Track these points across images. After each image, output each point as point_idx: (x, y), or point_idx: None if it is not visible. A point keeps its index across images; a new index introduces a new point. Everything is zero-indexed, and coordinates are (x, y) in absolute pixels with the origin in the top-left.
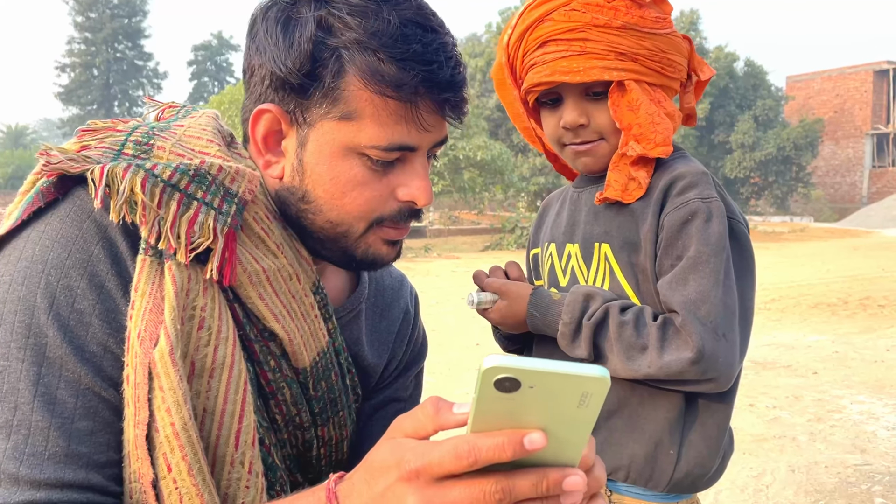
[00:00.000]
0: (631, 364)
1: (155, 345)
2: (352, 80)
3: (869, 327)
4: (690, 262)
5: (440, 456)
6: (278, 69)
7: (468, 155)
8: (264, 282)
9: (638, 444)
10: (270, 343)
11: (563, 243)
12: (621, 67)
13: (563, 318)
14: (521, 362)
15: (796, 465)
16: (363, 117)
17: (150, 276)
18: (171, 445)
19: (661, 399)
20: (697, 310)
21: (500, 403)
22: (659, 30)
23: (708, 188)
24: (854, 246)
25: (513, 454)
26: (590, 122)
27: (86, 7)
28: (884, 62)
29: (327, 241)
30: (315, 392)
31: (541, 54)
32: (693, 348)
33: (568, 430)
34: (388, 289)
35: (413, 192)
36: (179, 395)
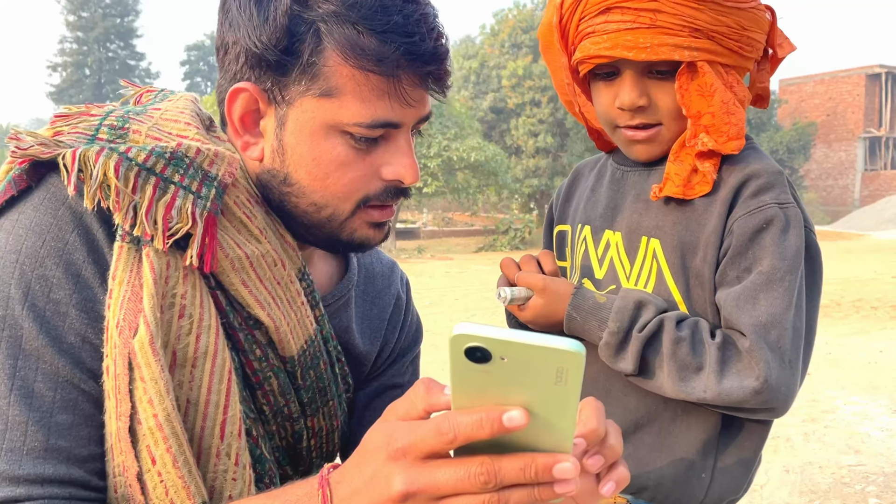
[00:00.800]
0: (683, 386)
1: (134, 334)
2: (331, 55)
3: (862, 329)
4: (763, 279)
5: (424, 433)
6: (253, 45)
7: (462, 156)
8: (247, 268)
9: (667, 464)
10: (256, 331)
11: (600, 228)
12: (695, 46)
13: (611, 327)
14: (490, 331)
15: (791, 466)
16: (344, 93)
17: (128, 263)
18: (154, 437)
19: (697, 417)
20: (768, 334)
21: (474, 376)
22: (744, 3)
23: (785, 191)
24: (847, 249)
25: (491, 431)
26: (650, 103)
27: (78, 6)
28: (876, 66)
29: (312, 225)
30: (303, 381)
31: (602, 22)
32: (759, 377)
33: (551, 411)
34: (379, 276)
35: (399, 170)
36: (161, 385)
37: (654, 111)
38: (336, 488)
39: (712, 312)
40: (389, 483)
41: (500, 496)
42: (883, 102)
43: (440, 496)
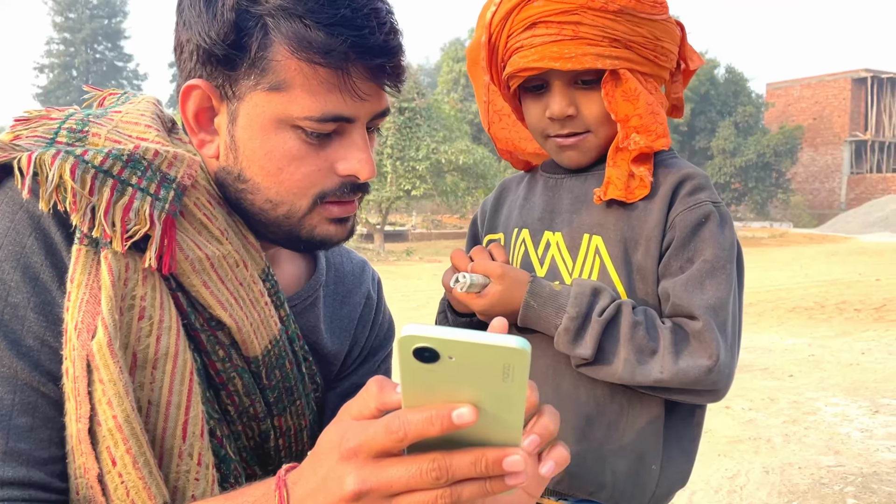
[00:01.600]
0: (641, 368)
1: (93, 336)
2: (279, 49)
3: (845, 331)
4: (708, 267)
5: (374, 432)
6: (203, 41)
7: (450, 159)
8: (208, 269)
9: (619, 458)
10: (218, 332)
11: (539, 230)
12: (615, 55)
13: (570, 312)
14: (438, 331)
15: (770, 467)
16: (293, 87)
17: (86, 266)
18: (114, 439)
19: (641, 408)
20: (717, 316)
21: (425, 376)
22: (656, 15)
23: (714, 192)
24: (832, 251)
25: (441, 428)
26: (578, 112)
27: (65, 7)
28: (862, 70)
29: (270, 223)
30: (269, 381)
31: (529, 37)
32: (711, 356)
33: (500, 407)
34: (349, 274)
35: (353, 165)
36: (120, 386)
37: (582, 119)
38: (293, 489)
39: (653, 304)
40: (342, 483)
41: (452, 491)
42: (868, 106)
43: (393, 493)
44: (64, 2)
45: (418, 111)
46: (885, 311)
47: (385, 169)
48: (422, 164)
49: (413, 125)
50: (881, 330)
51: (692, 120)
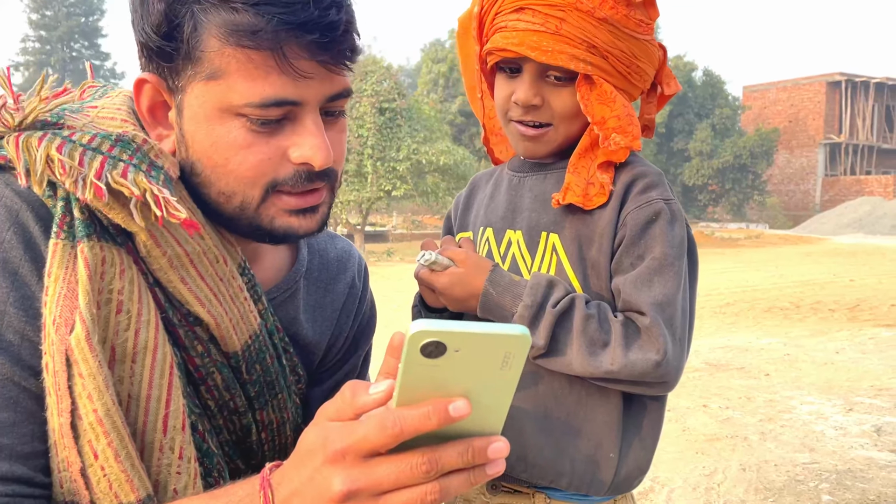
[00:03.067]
0: (592, 360)
1: (71, 331)
2: (209, 37)
3: (819, 331)
4: (656, 264)
5: (365, 431)
6: (141, 36)
7: (431, 159)
8: (187, 265)
9: (578, 447)
10: (196, 328)
11: (501, 229)
12: (589, 61)
13: (525, 301)
14: (446, 325)
15: (747, 464)
16: (229, 74)
17: (63, 260)
18: (95, 432)
19: (599, 399)
20: (663, 312)
21: (425, 371)
22: (639, 34)
23: (667, 190)
24: (807, 252)
25: (438, 423)
26: (544, 104)
27: (41, 5)
28: (836, 74)
29: (228, 216)
30: (249, 376)
31: (514, 20)
32: (659, 350)
33: (491, 395)
34: (334, 261)
35: (305, 151)
36: (100, 380)
37: (547, 111)
38: (277, 489)
39: (608, 299)
40: (329, 484)
41: (440, 484)
42: (843, 109)
43: (381, 492)
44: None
45: (399, 112)
46: (859, 311)
47: (366, 169)
48: (402, 164)
49: (394, 125)
50: (855, 330)
51: (670, 122)
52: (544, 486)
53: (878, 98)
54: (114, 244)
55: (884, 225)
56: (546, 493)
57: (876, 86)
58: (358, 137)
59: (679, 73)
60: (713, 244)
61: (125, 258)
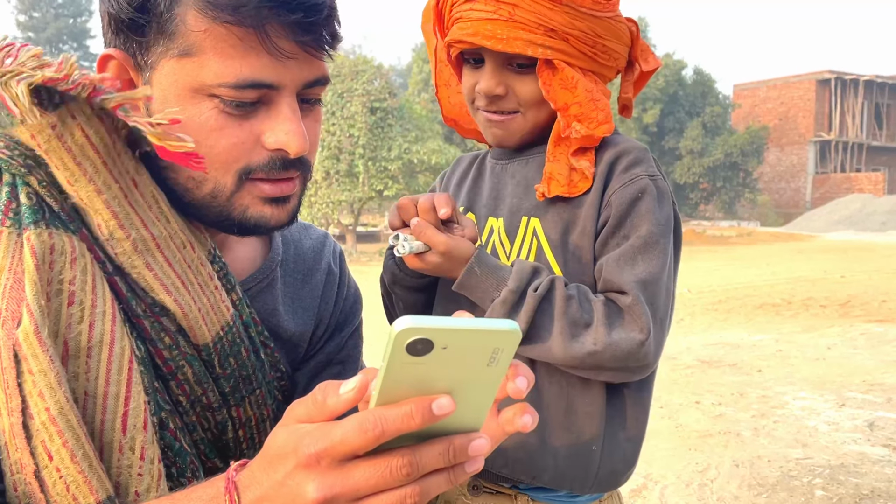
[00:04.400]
0: (573, 343)
1: (18, 324)
2: (187, 10)
3: (811, 326)
4: (641, 242)
5: (343, 433)
6: (111, 6)
7: (422, 159)
8: (153, 249)
9: (560, 441)
10: (163, 318)
11: (484, 216)
12: (548, 45)
13: (510, 285)
14: (434, 321)
15: (740, 460)
16: (203, 51)
17: (9, 249)
18: (48, 432)
19: (581, 390)
20: (645, 291)
21: (409, 370)
22: (598, 12)
23: (652, 166)
24: (798, 249)
25: (422, 422)
26: (508, 93)
27: (29, 6)
28: (826, 72)
29: (198, 203)
30: (223, 370)
31: (468, 9)
32: (642, 329)
33: (475, 392)
34: (309, 251)
35: (280, 137)
36: (52, 377)
37: (512, 100)
38: (244, 493)
39: (589, 284)
40: (302, 491)
41: (420, 486)
42: (833, 107)
43: (359, 497)
44: (28, 1)
45: (390, 111)
46: (850, 308)
47: (357, 169)
48: (394, 164)
49: (385, 125)
50: (846, 325)
51: (661, 120)
52: (527, 487)
53: (867, 95)
54: (65, 230)
55: (874, 222)
56: (529, 493)
57: (865, 83)
58: (349, 137)
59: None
60: (705, 242)
61: (78, 245)
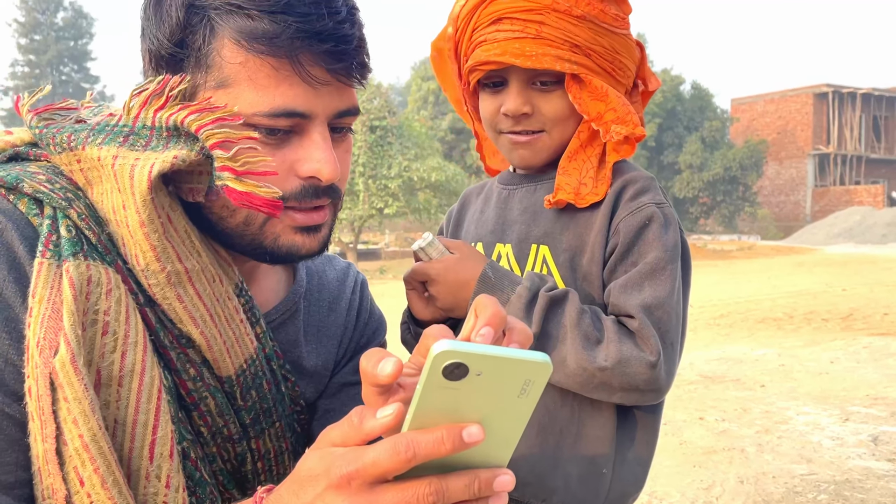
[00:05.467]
0: (587, 354)
1: (55, 353)
2: (223, 43)
3: (813, 340)
4: (648, 268)
5: (375, 456)
6: (152, 44)
7: (422, 176)
8: (185, 282)
9: (571, 463)
10: (189, 350)
11: (491, 243)
12: (574, 60)
13: (524, 283)
14: (471, 347)
15: (745, 477)
16: (239, 82)
17: (48, 280)
18: (81, 458)
19: (592, 413)
20: (652, 315)
21: (443, 395)
22: (617, 28)
23: (659, 194)
24: (799, 263)
25: (452, 448)
26: (534, 112)
27: (30, 29)
28: (823, 85)
29: (232, 232)
30: (244, 402)
31: (493, 31)
32: (652, 351)
33: (504, 424)
34: (334, 281)
35: (314, 165)
36: (86, 404)
37: (538, 119)
38: None
39: (604, 308)
40: None
41: None
42: (830, 120)
43: None
44: (29, 24)
45: (390, 129)
46: (852, 321)
47: (357, 187)
48: (394, 181)
49: (385, 143)
50: (848, 339)
51: (660, 135)
52: None
53: (864, 108)
54: (101, 262)
55: (874, 234)
56: None
57: (863, 97)
58: None
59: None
60: (706, 256)
61: (113, 277)
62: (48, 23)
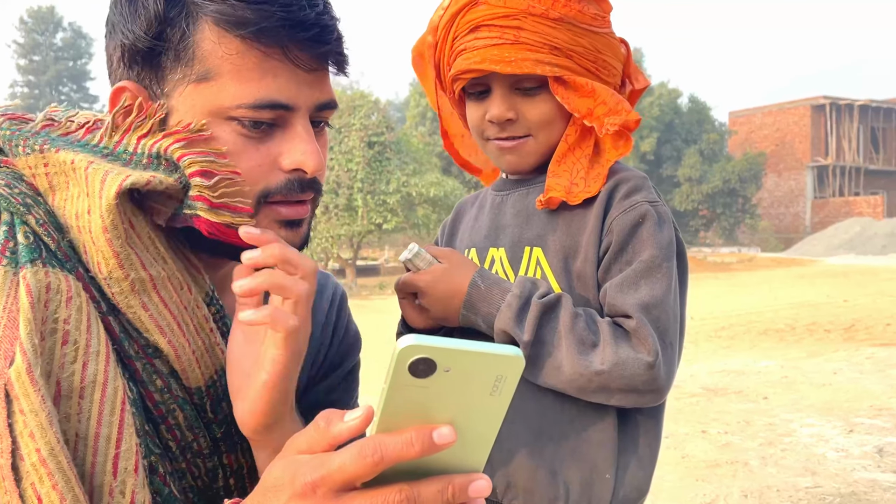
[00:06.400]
0: (582, 359)
1: (10, 363)
2: (205, 34)
3: (816, 352)
4: (643, 266)
5: (341, 462)
6: (127, 38)
7: (421, 191)
8: (150, 290)
9: (572, 469)
10: (155, 360)
11: (485, 248)
12: (555, 63)
13: (514, 291)
14: (440, 341)
15: (749, 490)
16: (222, 75)
17: (4, 287)
18: (38, 474)
19: (593, 417)
20: (649, 314)
21: (411, 393)
22: (597, 28)
23: (652, 192)
24: (799, 274)
25: (421, 451)
26: (518, 117)
27: (29, 50)
28: (820, 97)
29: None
30: (214, 415)
31: (471, 39)
32: (650, 352)
33: (477, 425)
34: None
35: (297, 157)
36: (43, 417)
37: (523, 124)
38: None
39: (595, 309)
40: None
41: None
42: (828, 132)
43: None
44: (28, 45)
45: (388, 145)
46: (854, 332)
47: (356, 203)
48: (392, 197)
49: (383, 159)
50: (851, 350)
51: (658, 149)
52: None
53: (862, 120)
54: (61, 269)
55: (875, 245)
56: None
57: (860, 108)
58: (347, 171)
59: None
60: (706, 268)
61: (73, 285)
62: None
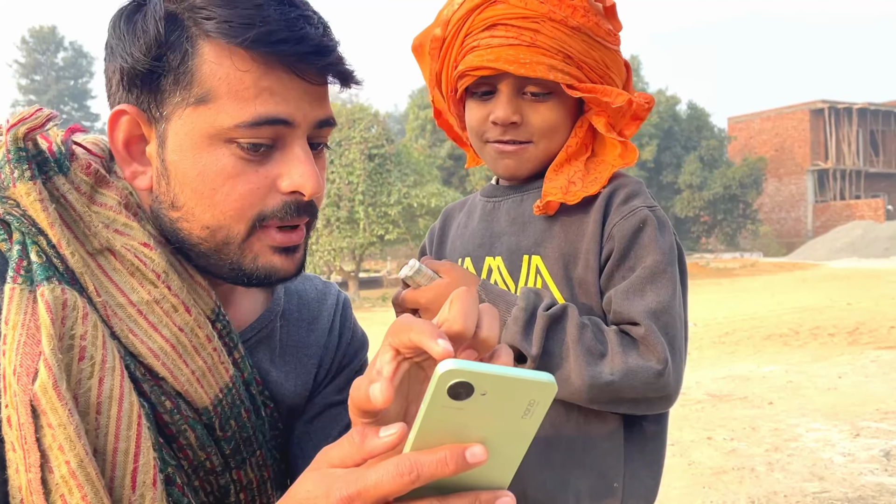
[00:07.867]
0: (591, 370)
1: (34, 379)
2: (204, 56)
3: (820, 356)
4: (648, 273)
5: (377, 478)
6: (125, 61)
7: (422, 202)
8: (135, 316)
9: (581, 478)
10: (161, 382)
11: (480, 257)
12: (566, 70)
13: (520, 304)
14: (479, 366)
15: (756, 496)
16: (220, 96)
17: (22, 305)
18: (68, 486)
19: (599, 426)
20: (658, 320)
21: (447, 415)
22: (609, 43)
23: (649, 198)
24: (802, 278)
25: (455, 469)
26: (522, 121)
27: (30, 70)
28: (819, 101)
29: (210, 253)
30: (223, 433)
31: (487, 37)
32: (659, 359)
33: (506, 446)
34: (314, 301)
35: (296, 179)
36: (71, 430)
37: (526, 129)
38: None
39: (598, 315)
40: None
41: None
42: (828, 136)
43: None
44: (30, 64)
45: (388, 157)
46: (858, 335)
47: (357, 215)
48: (394, 208)
49: (384, 171)
50: (856, 353)
51: (658, 156)
52: None
53: (861, 123)
54: (74, 286)
55: (877, 248)
56: None
57: (859, 111)
58: (348, 184)
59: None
60: (709, 274)
61: (86, 302)
62: (48, 63)
